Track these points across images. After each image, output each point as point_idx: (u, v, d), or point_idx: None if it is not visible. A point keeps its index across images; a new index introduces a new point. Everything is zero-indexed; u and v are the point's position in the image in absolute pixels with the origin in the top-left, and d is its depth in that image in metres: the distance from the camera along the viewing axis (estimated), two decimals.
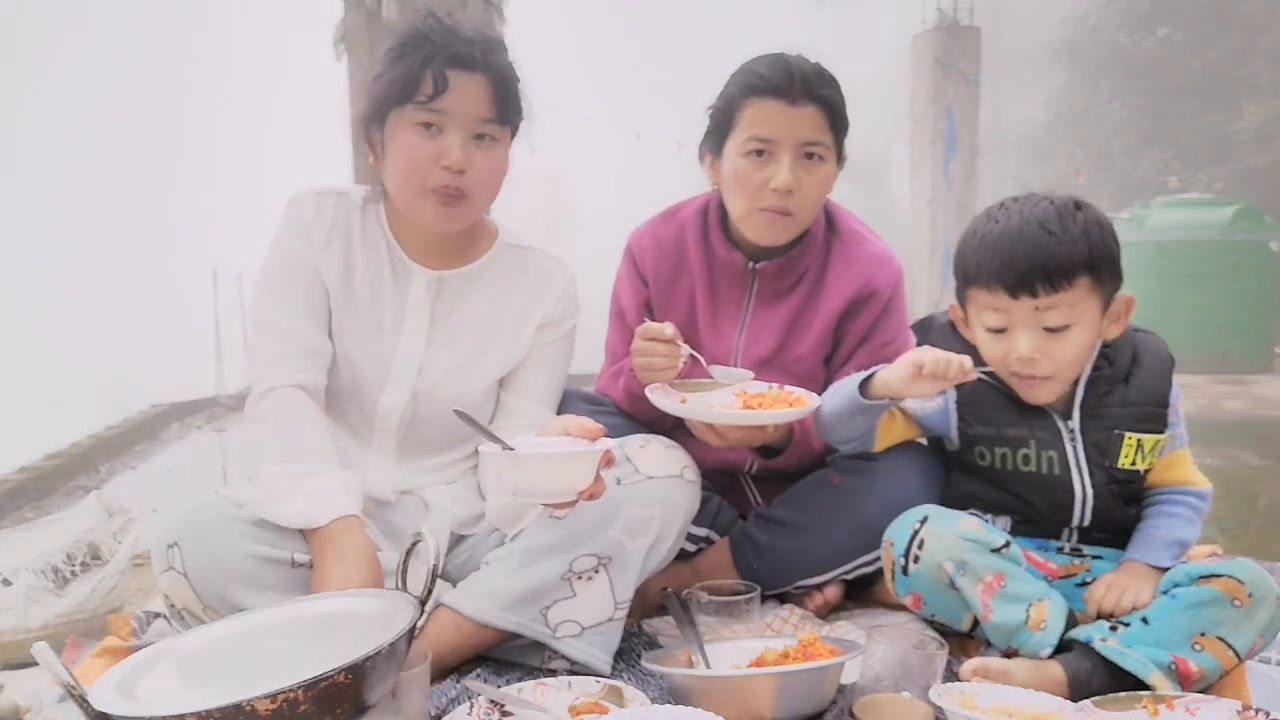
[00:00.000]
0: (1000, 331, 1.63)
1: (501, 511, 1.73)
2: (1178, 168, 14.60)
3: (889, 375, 1.65)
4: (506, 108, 1.69)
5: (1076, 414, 1.67)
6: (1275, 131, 14.05)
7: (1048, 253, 1.56)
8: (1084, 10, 17.25)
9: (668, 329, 1.80)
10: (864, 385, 1.68)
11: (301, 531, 1.58)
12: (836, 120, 1.88)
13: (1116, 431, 1.66)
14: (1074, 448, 1.67)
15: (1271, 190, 13.52)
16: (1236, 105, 14.78)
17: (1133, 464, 1.67)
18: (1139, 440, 1.66)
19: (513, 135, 1.76)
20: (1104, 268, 1.59)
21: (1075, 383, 1.68)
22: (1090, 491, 1.67)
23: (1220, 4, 15.46)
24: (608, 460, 1.52)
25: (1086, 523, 1.68)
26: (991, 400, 1.70)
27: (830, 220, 2.02)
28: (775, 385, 1.84)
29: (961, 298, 1.71)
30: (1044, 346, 1.60)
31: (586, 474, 1.49)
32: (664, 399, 1.78)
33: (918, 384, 1.60)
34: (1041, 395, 1.65)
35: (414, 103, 1.64)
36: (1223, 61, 15.32)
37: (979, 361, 1.68)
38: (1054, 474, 1.67)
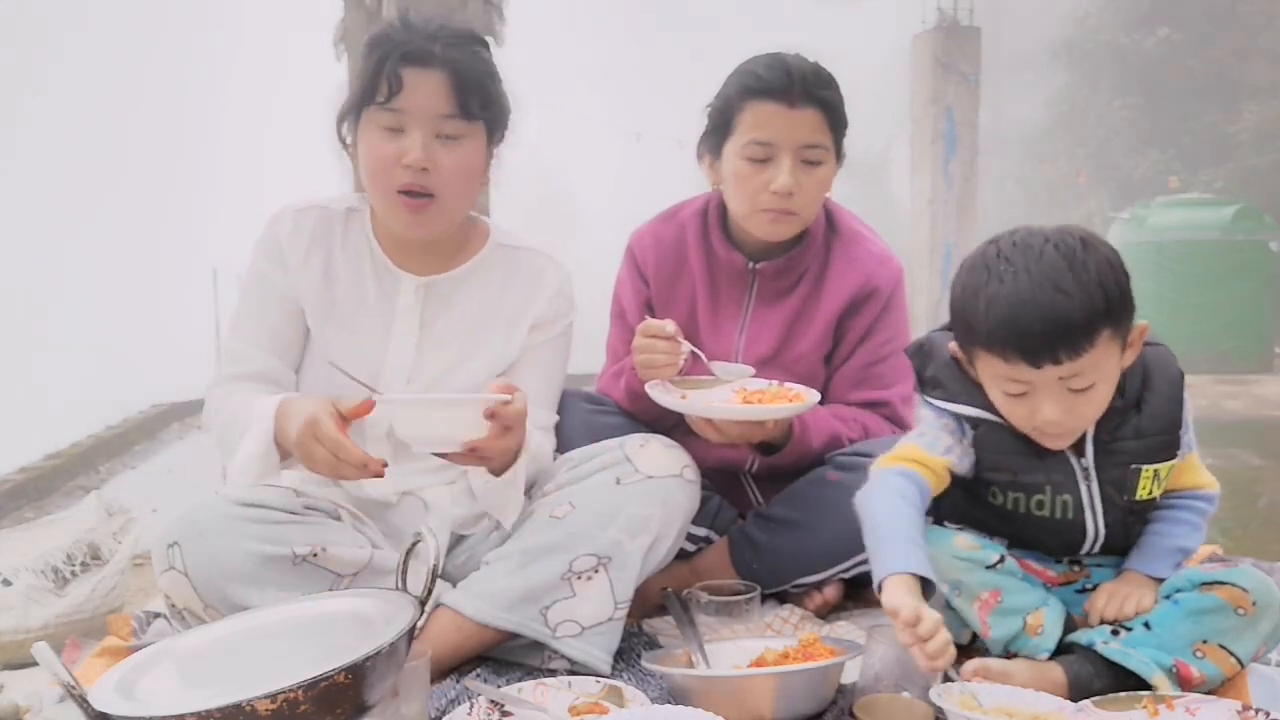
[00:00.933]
0: (1020, 395, 1.51)
1: (486, 493, 1.70)
2: (1178, 168, 14.60)
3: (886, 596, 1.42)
4: (470, 102, 1.67)
5: (1090, 450, 1.58)
6: (1275, 131, 14.05)
7: (1067, 318, 1.41)
8: (1084, 10, 17.24)
9: (668, 326, 1.80)
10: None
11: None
12: (836, 120, 1.88)
13: (1133, 466, 1.58)
14: (1089, 487, 1.60)
15: (1271, 190, 13.51)
16: (1236, 105, 14.77)
17: (1149, 494, 1.61)
18: (1155, 470, 1.59)
19: (491, 132, 1.74)
20: (1122, 311, 1.47)
21: None
22: (1102, 531, 1.62)
23: (1221, 4, 15.45)
24: (490, 414, 1.50)
25: (1096, 551, 1.66)
26: (1007, 445, 1.60)
27: (830, 220, 2.03)
28: (775, 382, 1.85)
29: (966, 352, 1.57)
30: (1070, 406, 1.48)
31: (466, 422, 1.49)
32: (664, 395, 1.78)
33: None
34: (1064, 443, 1.56)
35: (375, 104, 1.65)
36: (1223, 61, 15.31)
37: (986, 404, 1.57)
38: (1067, 518, 1.61)
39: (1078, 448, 1.58)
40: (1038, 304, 1.42)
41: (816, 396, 1.78)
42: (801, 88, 1.83)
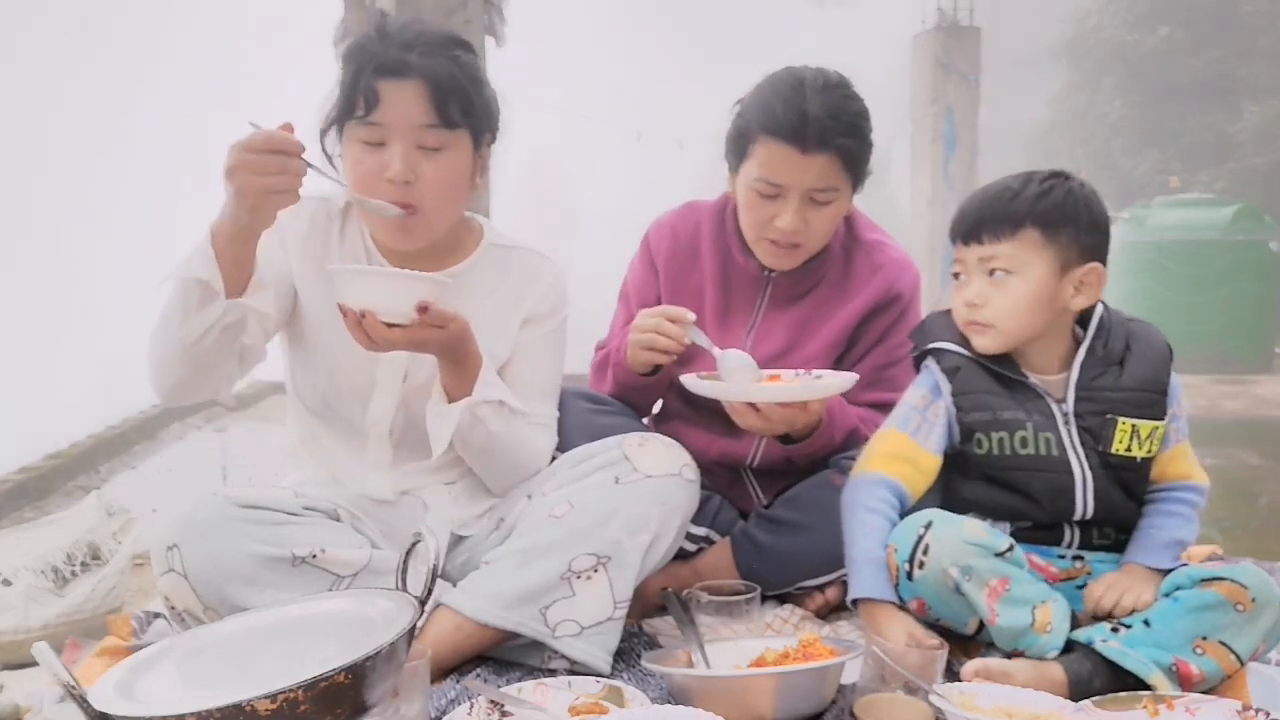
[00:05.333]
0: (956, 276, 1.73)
1: (430, 414, 1.69)
2: (1178, 168, 14.59)
3: (880, 628, 1.61)
4: (450, 111, 1.64)
5: (1070, 396, 1.68)
6: (1275, 131, 14.04)
7: (998, 206, 1.67)
8: (1084, 9, 17.24)
9: (689, 315, 1.79)
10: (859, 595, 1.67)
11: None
12: (853, 160, 1.85)
13: (1109, 416, 1.66)
14: (1068, 431, 1.67)
15: (1271, 190, 13.51)
16: (1237, 105, 14.78)
17: (1128, 450, 1.66)
18: (1133, 426, 1.66)
19: (477, 137, 1.71)
20: (1059, 226, 1.64)
21: (1070, 365, 1.70)
22: (1089, 474, 1.66)
23: (1221, 3, 15.45)
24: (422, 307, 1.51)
25: (1089, 513, 1.67)
26: (984, 385, 1.71)
27: (850, 227, 2.04)
28: (801, 371, 1.86)
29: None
30: (986, 293, 1.67)
31: (395, 298, 1.51)
32: (699, 383, 1.77)
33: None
34: (983, 344, 1.70)
35: (354, 119, 1.62)
36: (1224, 61, 15.30)
37: (961, 340, 1.74)
38: (1052, 455, 1.66)
39: (1059, 394, 1.69)
40: (986, 193, 1.69)
41: (854, 377, 1.77)
42: (817, 134, 1.78)
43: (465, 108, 1.66)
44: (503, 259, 1.84)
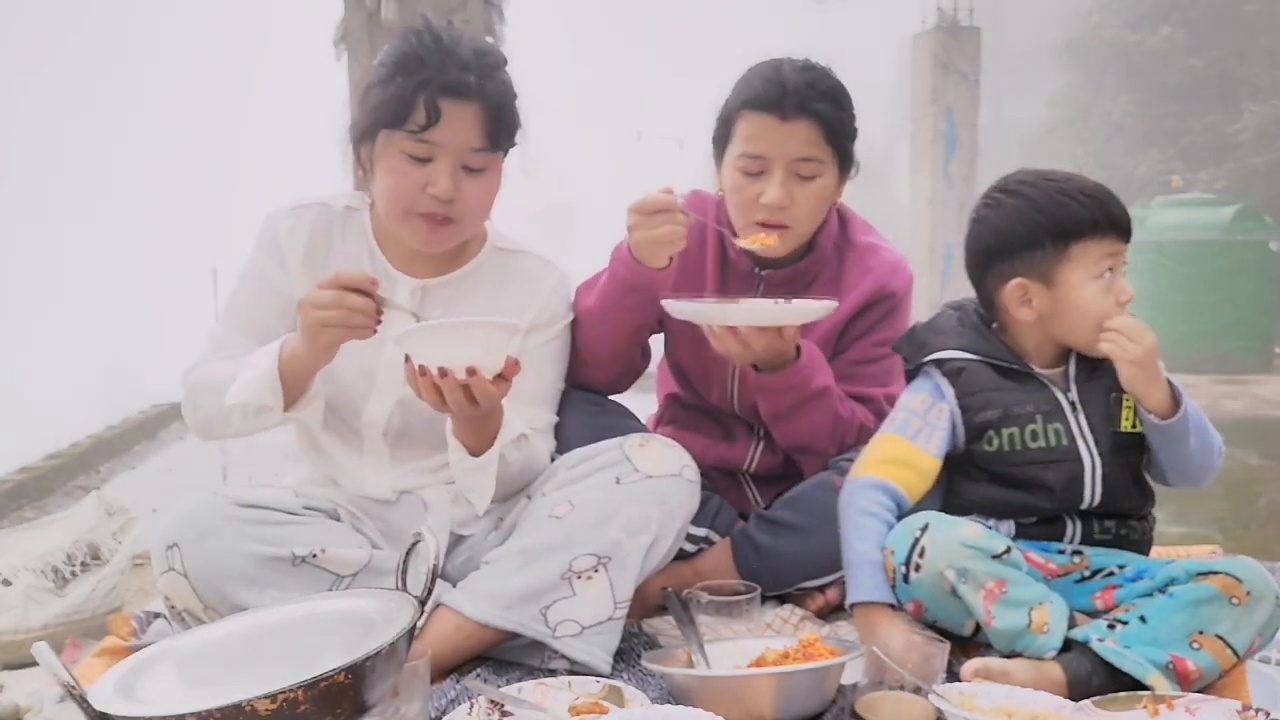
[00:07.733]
0: (1110, 277, 1.67)
1: (461, 473, 1.68)
2: (1178, 167, 14.58)
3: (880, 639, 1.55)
4: (500, 135, 1.67)
5: (1074, 385, 1.71)
6: (1275, 131, 14.03)
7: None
8: (1085, 9, 17.23)
9: (678, 198, 1.75)
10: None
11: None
12: (834, 132, 1.85)
13: (1114, 395, 1.69)
14: (1076, 419, 1.69)
15: (1271, 190, 13.50)
16: (1238, 105, 14.77)
17: (1133, 426, 1.69)
18: (1134, 401, 1.68)
19: (507, 150, 1.73)
20: None
21: (1066, 358, 1.73)
22: (1098, 460, 1.68)
23: (1222, 3, 15.44)
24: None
25: (1096, 500, 1.68)
26: (991, 383, 1.72)
27: (844, 228, 2.03)
28: (780, 300, 1.84)
29: (1045, 264, 1.67)
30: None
31: (494, 349, 1.48)
32: (679, 306, 1.75)
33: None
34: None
35: (405, 130, 1.62)
36: (1224, 61, 15.30)
37: (965, 346, 1.74)
38: (1062, 445, 1.68)
39: (1063, 384, 1.72)
40: (1111, 194, 1.68)
41: (832, 304, 1.75)
42: (795, 101, 1.80)
43: (509, 130, 1.70)
44: (506, 264, 1.84)
